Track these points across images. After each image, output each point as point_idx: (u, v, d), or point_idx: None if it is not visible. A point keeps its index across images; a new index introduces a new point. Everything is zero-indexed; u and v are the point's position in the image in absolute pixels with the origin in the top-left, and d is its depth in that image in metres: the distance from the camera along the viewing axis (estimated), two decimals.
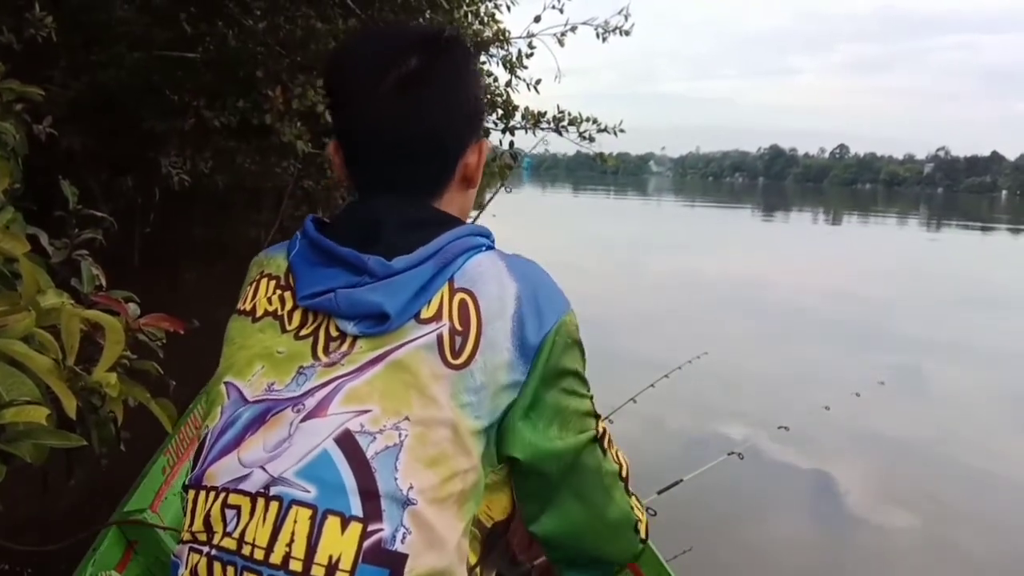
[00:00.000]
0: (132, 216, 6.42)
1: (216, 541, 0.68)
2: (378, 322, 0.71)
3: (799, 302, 9.04)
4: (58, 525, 2.25)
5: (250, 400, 0.73)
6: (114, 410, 1.19)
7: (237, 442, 0.71)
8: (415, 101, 0.77)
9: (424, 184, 0.81)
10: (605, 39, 4.99)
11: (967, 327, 7.90)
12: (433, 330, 0.71)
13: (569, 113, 5.05)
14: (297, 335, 0.75)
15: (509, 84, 5.36)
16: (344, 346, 0.72)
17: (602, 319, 6.47)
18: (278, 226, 7.18)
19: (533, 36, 5.07)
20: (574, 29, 4.94)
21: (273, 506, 0.67)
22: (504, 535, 0.80)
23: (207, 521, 0.70)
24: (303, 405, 0.70)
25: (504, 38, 5.27)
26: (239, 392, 0.74)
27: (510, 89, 5.35)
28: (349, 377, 0.70)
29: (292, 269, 0.78)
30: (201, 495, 0.71)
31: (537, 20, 5.00)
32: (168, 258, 7.64)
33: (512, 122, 5.24)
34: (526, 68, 5.29)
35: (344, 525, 0.65)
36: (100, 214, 1.73)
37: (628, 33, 4.93)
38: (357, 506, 0.66)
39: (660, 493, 2.20)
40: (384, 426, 0.68)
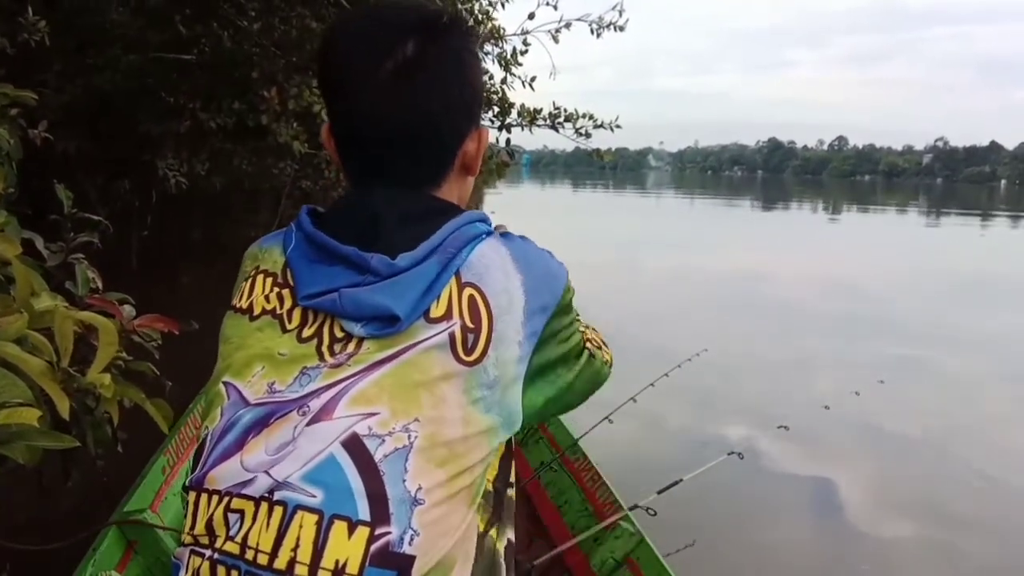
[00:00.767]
0: (129, 219, 6.42)
1: (219, 545, 0.67)
2: (387, 324, 0.69)
3: (799, 296, 9.03)
4: (57, 526, 2.25)
5: (251, 402, 0.71)
6: (109, 411, 1.20)
7: (239, 445, 0.69)
8: (412, 88, 0.74)
9: (422, 173, 0.79)
10: (600, 35, 4.98)
11: (968, 320, 7.88)
12: (444, 329, 0.70)
13: (565, 109, 5.05)
14: (300, 336, 0.73)
15: (504, 81, 5.36)
16: (350, 347, 0.71)
17: (602, 316, 6.43)
18: (276, 227, 7.15)
19: (528, 33, 5.07)
20: (568, 26, 4.94)
21: (277, 511, 0.66)
22: (505, 491, 0.79)
23: (209, 525, 0.69)
24: (308, 408, 0.68)
25: (499, 35, 5.26)
26: (239, 393, 0.72)
27: (505, 86, 5.35)
28: (356, 378, 0.69)
29: (290, 266, 0.76)
30: (203, 498, 0.70)
31: (531, 17, 4.99)
32: (166, 260, 7.64)
33: (508, 119, 5.24)
34: (521, 65, 5.29)
35: (351, 529, 0.64)
36: (96, 217, 1.74)
37: (623, 29, 4.93)
38: (364, 510, 0.65)
39: (660, 493, 2.20)
40: (393, 428, 0.67)
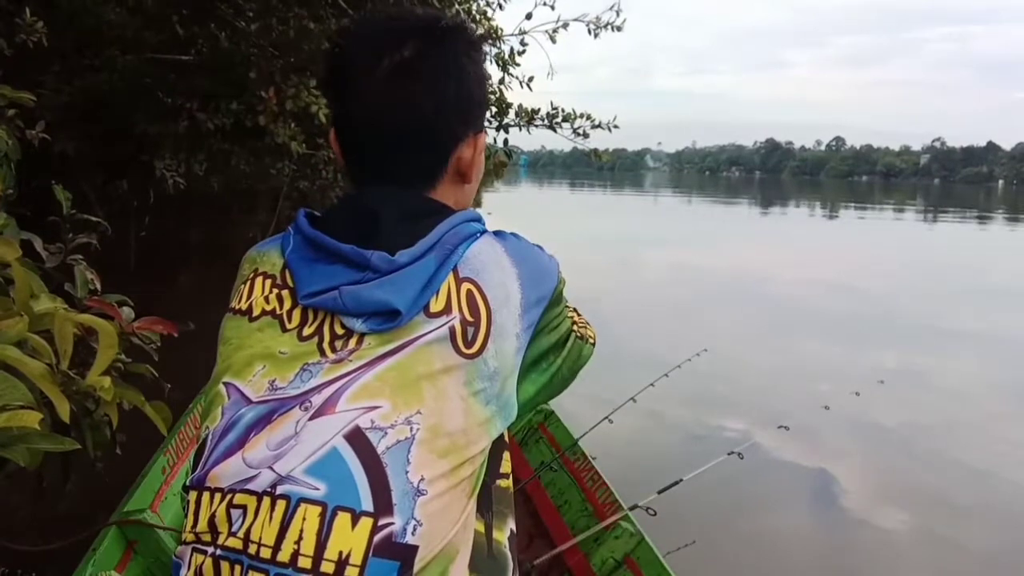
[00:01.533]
0: (127, 220, 6.40)
1: (221, 541, 0.68)
2: (388, 318, 0.71)
3: (798, 296, 9.04)
4: (56, 528, 2.25)
5: (253, 400, 0.72)
6: (108, 414, 1.19)
7: (241, 443, 0.70)
8: (405, 89, 0.76)
9: (417, 175, 0.81)
10: (597, 35, 4.98)
11: (968, 320, 7.90)
12: (445, 323, 0.71)
13: (563, 110, 5.05)
14: (300, 335, 0.74)
15: (502, 82, 5.35)
16: (351, 343, 0.72)
17: (602, 317, 6.46)
18: (274, 227, 7.18)
19: (525, 33, 5.06)
20: (566, 26, 4.94)
21: (280, 505, 0.66)
22: (494, 483, 0.81)
23: (212, 522, 0.69)
24: (310, 403, 0.69)
25: (496, 36, 5.26)
26: (240, 392, 0.73)
27: (503, 87, 5.35)
28: (358, 373, 0.70)
29: (289, 267, 0.77)
30: (205, 496, 0.70)
31: (529, 17, 4.99)
32: (164, 261, 7.63)
33: (506, 120, 5.24)
34: (519, 65, 5.29)
35: (355, 521, 0.65)
36: (94, 218, 1.73)
37: (620, 29, 4.92)
38: (368, 501, 0.65)
39: (660, 493, 2.21)
40: (395, 421, 0.68)
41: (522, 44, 5.09)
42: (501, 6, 5.54)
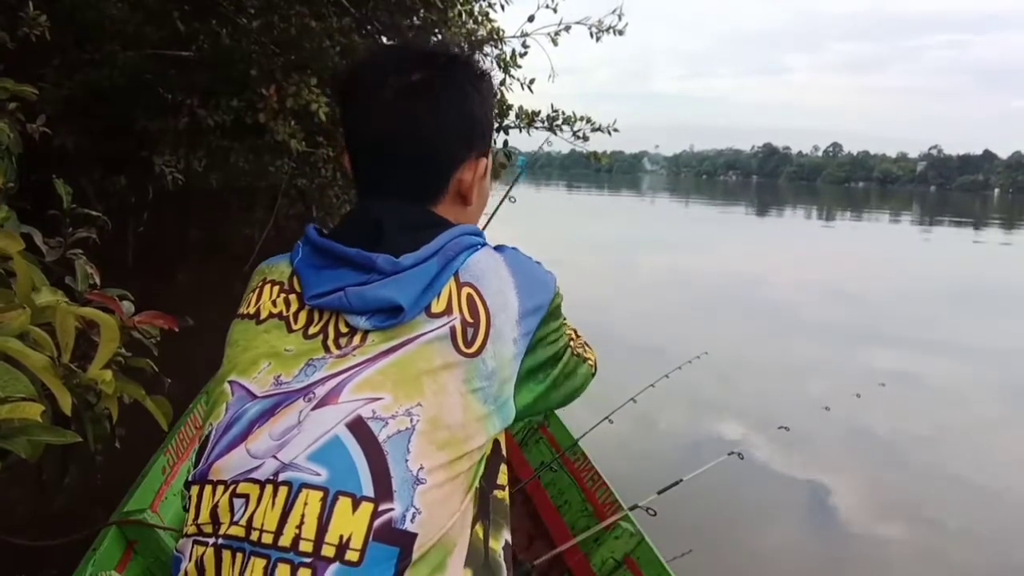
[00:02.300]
0: (126, 215, 6.38)
1: (223, 531, 0.69)
2: (391, 315, 0.73)
3: (797, 301, 9.07)
4: (56, 523, 2.24)
5: (258, 395, 0.74)
6: (109, 407, 1.19)
7: (244, 436, 0.71)
8: (409, 111, 0.80)
9: (418, 193, 0.84)
10: (599, 38, 5.00)
11: (966, 326, 7.95)
12: (446, 323, 0.74)
13: (563, 112, 5.06)
14: (305, 334, 0.76)
15: (503, 83, 5.36)
16: (355, 340, 0.74)
17: (602, 318, 6.49)
18: (272, 224, 7.16)
19: (527, 35, 5.08)
20: (568, 28, 4.96)
21: (282, 491, 0.67)
22: (492, 492, 0.82)
23: (214, 513, 0.70)
24: (314, 394, 0.71)
25: (498, 37, 5.26)
26: (245, 389, 0.75)
27: (504, 88, 5.35)
28: (361, 367, 0.72)
29: (297, 273, 0.80)
30: (207, 489, 0.72)
31: (531, 19, 5.01)
32: (162, 257, 7.61)
33: (506, 121, 5.24)
34: (520, 67, 5.30)
35: (355, 505, 0.66)
36: (94, 213, 1.73)
37: (622, 32, 4.94)
38: (368, 486, 0.67)
39: (660, 493, 2.21)
40: (396, 412, 0.69)
41: (524, 46, 5.10)
42: (503, 7, 5.54)
